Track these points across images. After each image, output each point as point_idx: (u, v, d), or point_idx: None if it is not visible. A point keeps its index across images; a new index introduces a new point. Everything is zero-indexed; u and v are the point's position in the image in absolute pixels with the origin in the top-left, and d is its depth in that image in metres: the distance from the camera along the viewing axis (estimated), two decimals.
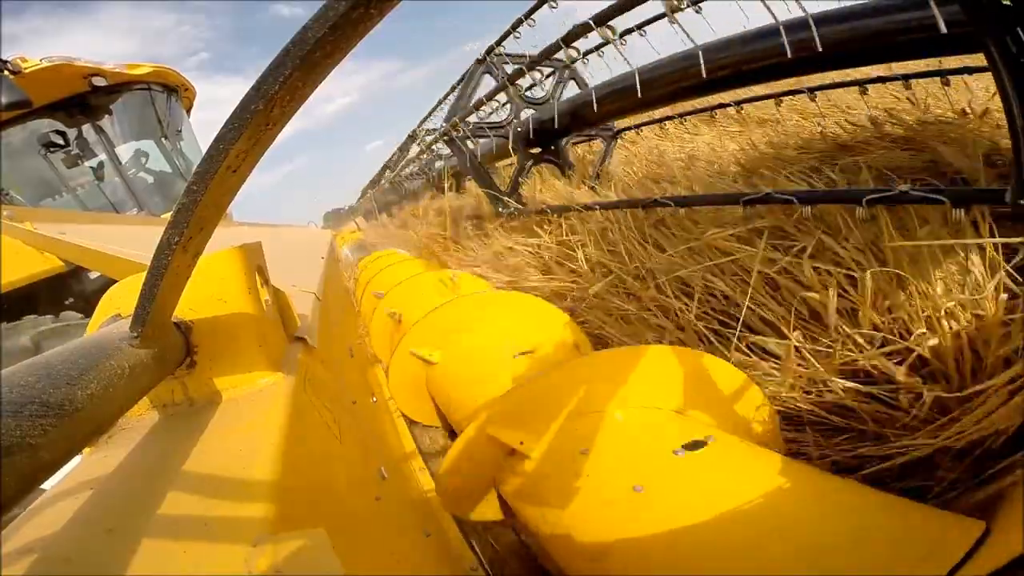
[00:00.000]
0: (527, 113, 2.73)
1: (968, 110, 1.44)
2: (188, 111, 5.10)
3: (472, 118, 2.74)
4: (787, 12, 1.24)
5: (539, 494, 0.84)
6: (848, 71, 2.11)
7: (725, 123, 2.97)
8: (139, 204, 4.32)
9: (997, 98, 0.75)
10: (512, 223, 2.62)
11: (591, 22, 1.68)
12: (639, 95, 1.71)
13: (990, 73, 0.72)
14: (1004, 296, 0.82)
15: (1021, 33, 0.66)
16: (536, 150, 2.75)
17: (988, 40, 0.69)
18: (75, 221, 2.77)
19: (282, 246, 2.61)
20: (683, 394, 0.90)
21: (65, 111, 3.84)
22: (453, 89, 4.33)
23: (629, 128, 3.31)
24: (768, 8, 1.17)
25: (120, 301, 0.70)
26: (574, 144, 3.22)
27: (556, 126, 2.32)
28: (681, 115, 3.09)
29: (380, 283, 2.69)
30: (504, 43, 2.86)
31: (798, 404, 0.95)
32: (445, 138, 2.82)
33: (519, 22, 2.81)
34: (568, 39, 1.85)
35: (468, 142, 2.77)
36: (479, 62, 2.94)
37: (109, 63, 3.96)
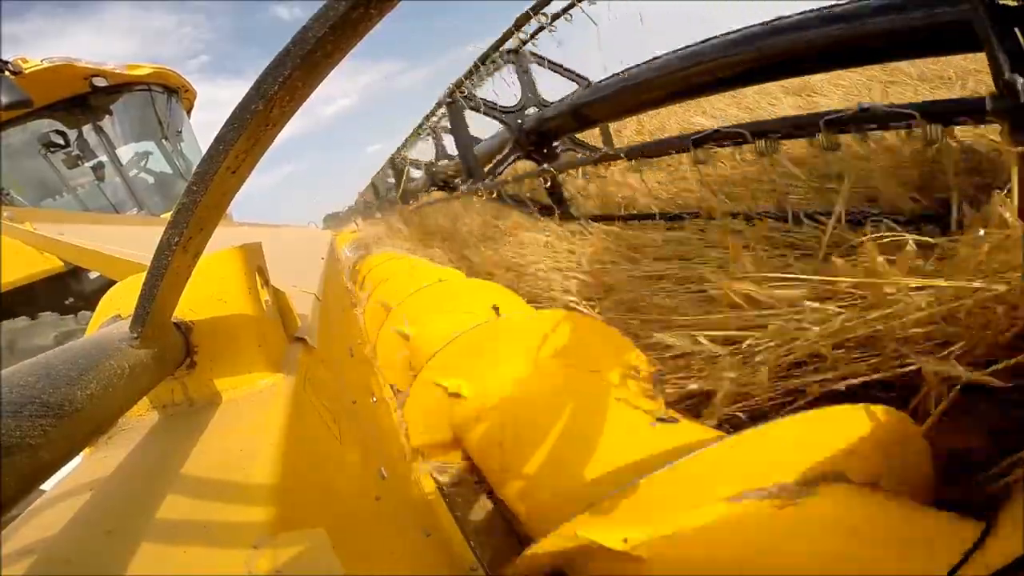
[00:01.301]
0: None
1: None
2: (188, 112, 5.11)
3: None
4: (788, 11, 1.24)
5: (478, 432, 1.05)
6: None
7: None
8: (139, 204, 4.32)
9: None
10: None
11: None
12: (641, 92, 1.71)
13: None
14: None
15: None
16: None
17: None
18: (75, 221, 2.77)
19: (282, 246, 2.61)
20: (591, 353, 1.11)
21: (66, 111, 3.84)
22: (432, 113, 4.32)
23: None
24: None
25: (120, 301, 0.69)
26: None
27: (551, 125, 2.33)
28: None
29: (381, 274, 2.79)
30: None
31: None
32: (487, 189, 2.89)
33: (503, 38, 2.81)
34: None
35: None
36: (449, 104, 2.96)
37: (110, 64, 3.96)
